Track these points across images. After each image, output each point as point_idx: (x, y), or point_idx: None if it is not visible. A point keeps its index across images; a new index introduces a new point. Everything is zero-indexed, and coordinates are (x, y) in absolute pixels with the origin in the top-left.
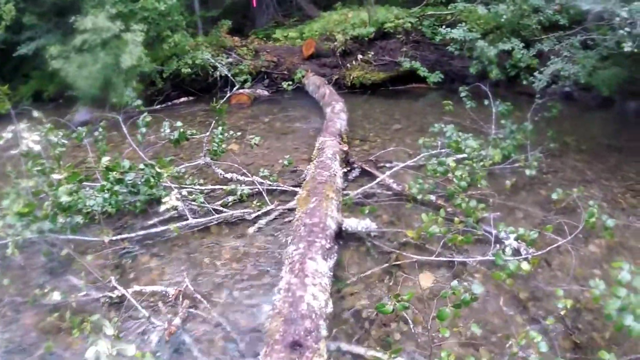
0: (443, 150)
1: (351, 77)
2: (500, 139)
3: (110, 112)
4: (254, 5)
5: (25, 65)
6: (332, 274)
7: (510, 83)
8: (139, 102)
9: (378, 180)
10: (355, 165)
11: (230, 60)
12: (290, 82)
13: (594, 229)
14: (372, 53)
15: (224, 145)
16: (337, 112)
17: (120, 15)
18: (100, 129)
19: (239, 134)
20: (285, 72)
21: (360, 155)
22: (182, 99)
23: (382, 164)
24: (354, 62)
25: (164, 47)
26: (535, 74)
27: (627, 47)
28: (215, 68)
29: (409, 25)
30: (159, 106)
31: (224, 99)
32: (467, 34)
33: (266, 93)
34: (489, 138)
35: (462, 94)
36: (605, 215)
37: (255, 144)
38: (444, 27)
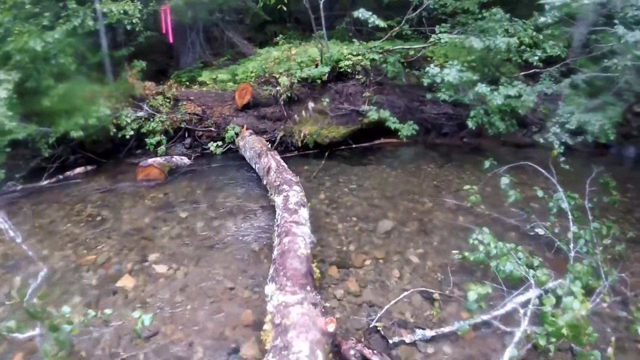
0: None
1: (302, 135)
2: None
3: None
4: (170, 41)
5: None
6: None
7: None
8: None
9: None
10: (352, 352)
11: (140, 114)
12: (220, 143)
13: None
14: (327, 100)
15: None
16: (294, 210)
17: None
18: None
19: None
20: (213, 128)
21: (348, 310)
22: (78, 170)
23: (395, 339)
24: (304, 113)
25: (44, 102)
26: (554, 128)
27: None
28: (119, 128)
29: (368, 62)
30: (46, 182)
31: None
32: (462, 74)
33: (186, 161)
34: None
35: (504, 181)
36: None
37: (149, 321)
38: (432, 66)
